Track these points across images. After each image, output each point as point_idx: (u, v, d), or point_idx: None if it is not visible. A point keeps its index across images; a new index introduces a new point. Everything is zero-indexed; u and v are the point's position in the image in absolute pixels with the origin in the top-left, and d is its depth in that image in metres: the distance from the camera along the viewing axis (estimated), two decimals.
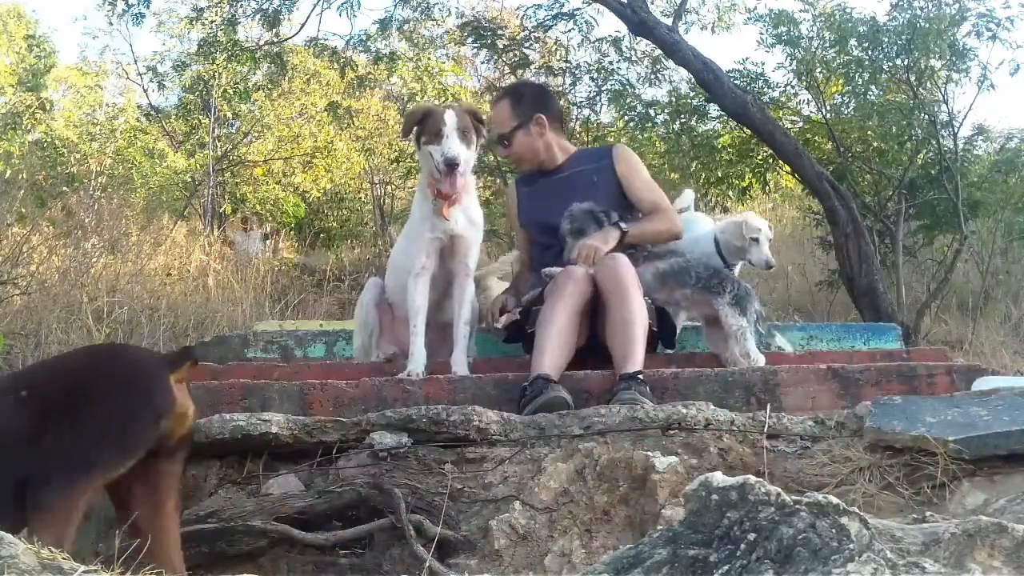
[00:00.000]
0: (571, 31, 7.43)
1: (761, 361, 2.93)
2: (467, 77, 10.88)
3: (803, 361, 3.11)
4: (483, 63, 9.73)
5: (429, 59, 9.48)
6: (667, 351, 3.24)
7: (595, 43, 7.59)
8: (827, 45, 6.74)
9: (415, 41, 8.74)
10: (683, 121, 7.58)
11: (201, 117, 10.75)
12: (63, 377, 1.85)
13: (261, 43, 8.35)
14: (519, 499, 1.98)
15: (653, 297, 3.00)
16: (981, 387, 2.45)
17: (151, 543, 1.72)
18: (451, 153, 2.79)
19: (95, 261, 6.27)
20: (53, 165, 9.91)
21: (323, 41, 8.00)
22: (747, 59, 7.66)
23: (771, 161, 7.25)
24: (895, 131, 6.63)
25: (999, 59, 7.87)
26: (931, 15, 6.27)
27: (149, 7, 7.77)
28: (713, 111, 7.30)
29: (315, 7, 7.52)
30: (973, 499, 1.79)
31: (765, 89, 7.10)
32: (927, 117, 6.48)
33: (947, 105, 6.67)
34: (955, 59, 6.31)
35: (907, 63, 6.39)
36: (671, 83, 7.88)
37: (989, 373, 2.93)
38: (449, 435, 2.14)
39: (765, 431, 2.12)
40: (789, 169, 6.78)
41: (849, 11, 6.61)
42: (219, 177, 10.15)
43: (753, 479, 1.28)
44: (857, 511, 1.21)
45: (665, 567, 1.19)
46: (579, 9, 7.21)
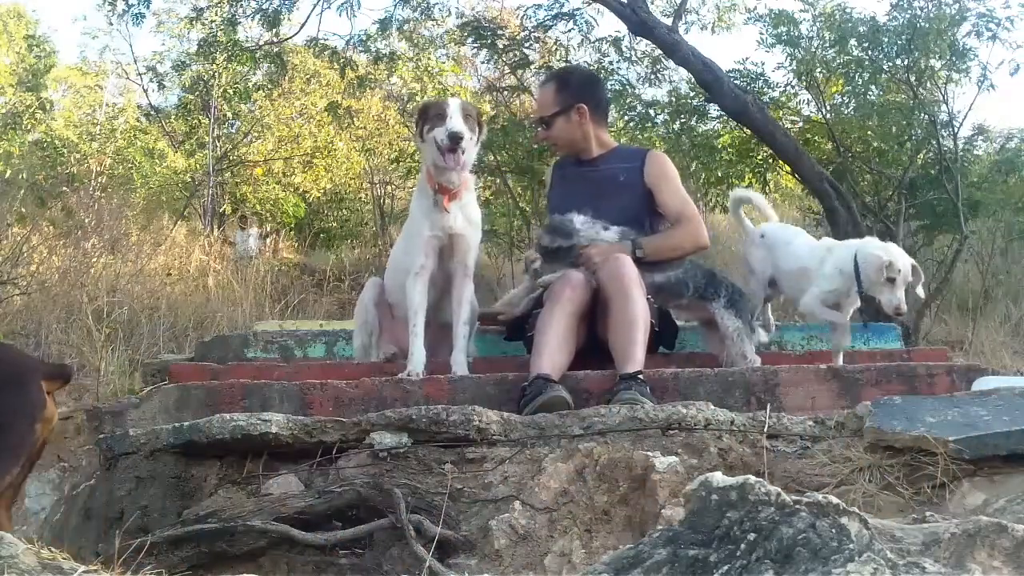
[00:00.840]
0: (571, 31, 7.45)
1: (757, 361, 2.94)
2: (467, 77, 10.89)
3: (803, 361, 3.12)
4: (483, 63, 9.76)
5: (429, 59, 9.49)
6: (666, 352, 3.24)
7: (595, 43, 7.61)
8: (827, 45, 6.75)
9: (415, 41, 8.75)
10: (683, 121, 7.58)
11: (201, 117, 10.76)
12: None
13: (261, 43, 8.36)
14: (519, 499, 1.98)
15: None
16: (981, 387, 2.45)
17: None
18: (454, 128, 2.81)
19: (95, 261, 6.27)
20: (53, 165, 9.92)
21: (323, 41, 8.02)
22: (747, 59, 7.68)
23: (771, 161, 7.26)
24: (895, 131, 6.64)
25: (999, 59, 7.89)
26: (931, 15, 6.27)
27: (149, 7, 7.80)
28: (713, 111, 7.31)
29: (315, 7, 7.55)
30: (973, 499, 1.79)
31: (765, 89, 7.11)
32: (927, 117, 6.49)
33: (947, 105, 6.69)
34: (955, 59, 6.32)
35: (907, 63, 6.40)
36: (671, 83, 7.90)
37: (989, 373, 2.93)
38: (449, 435, 2.14)
39: (765, 431, 2.11)
40: (789, 169, 6.79)
41: (849, 11, 6.62)
42: (219, 177, 10.16)
43: (753, 479, 1.28)
44: (857, 511, 1.20)
45: (665, 567, 1.19)
46: (579, 9, 7.23)
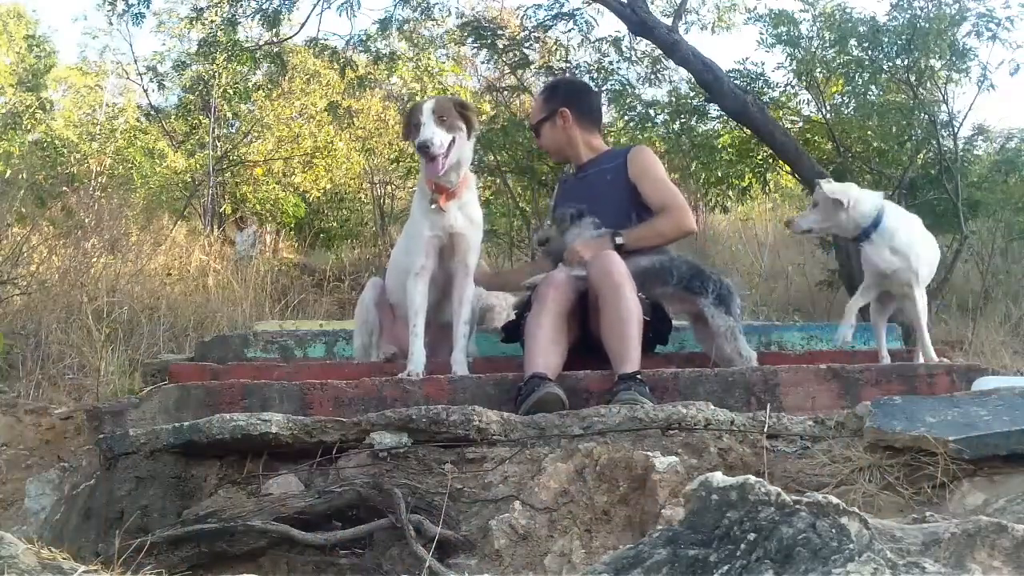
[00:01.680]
0: (571, 31, 7.44)
1: (754, 356, 2.93)
2: (467, 77, 10.88)
3: (803, 361, 3.11)
4: (483, 63, 9.74)
5: (429, 59, 9.49)
6: (659, 348, 3.22)
7: (595, 43, 7.59)
8: (827, 45, 6.74)
9: (415, 41, 8.75)
10: (683, 121, 7.57)
11: (201, 117, 10.74)
12: None
13: (261, 43, 8.35)
14: (519, 499, 1.98)
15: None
16: (981, 387, 2.45)
17: None
18: (420, 139, 2.76)
19: (95, 261, 6.26)
20: (53, 165, 9.90)
21: (323, 41, 8.01)
22: (747, 59, 7.67)
23: (771, 161, 7.25)
24: (895, 131, 6.63)
25: (999, 59, 7.86)
26: (931, 15, 6.27)
27: (149, 7, 7.79)
28: (713, 111, 7.30)
29: (315, 7, 7.54)
30: (973, 499, 1.79)
31: (765, 89, 7.10)
32: (927, 117, 6.48)
33: (947, 105, 6.68)
34: (955, 59, 6.31)
35: (907, 63, 6.39)
36: (671, 83, 7.89)
37: (989, 373, 2.93)
38: (449, 435, 2.14)
39: (765, 431, 2.11)
40: (789, 169, 6.78)
41: (849, 11, 6.61)
42: (219, 177, 10.15)
43: (753, 479, 1.28)
44: (857, 511, 1.21)
45: (665, 567, 1.19)
46: (579, 9, 7.22)
